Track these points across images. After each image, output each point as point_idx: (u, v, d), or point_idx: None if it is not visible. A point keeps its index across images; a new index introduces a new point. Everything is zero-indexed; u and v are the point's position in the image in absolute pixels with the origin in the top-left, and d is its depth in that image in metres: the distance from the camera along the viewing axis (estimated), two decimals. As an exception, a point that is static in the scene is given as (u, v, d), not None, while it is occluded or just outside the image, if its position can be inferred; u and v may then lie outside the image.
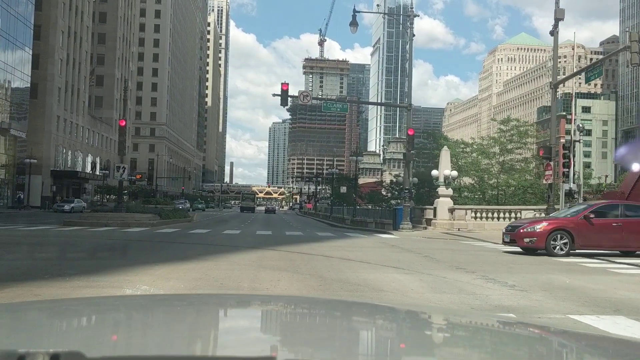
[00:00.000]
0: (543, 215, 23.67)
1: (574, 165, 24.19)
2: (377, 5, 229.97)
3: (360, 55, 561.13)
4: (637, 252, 15.24)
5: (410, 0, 33.96)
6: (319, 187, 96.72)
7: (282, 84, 28.02)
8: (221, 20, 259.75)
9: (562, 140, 23.16)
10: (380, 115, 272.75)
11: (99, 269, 10.14)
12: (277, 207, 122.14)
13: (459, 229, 26.58)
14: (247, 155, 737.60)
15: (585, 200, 24.42)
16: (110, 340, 1.53)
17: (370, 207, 54.74)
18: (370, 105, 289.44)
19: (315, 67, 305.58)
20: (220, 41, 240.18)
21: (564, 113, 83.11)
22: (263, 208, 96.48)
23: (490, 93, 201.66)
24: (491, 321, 2.28)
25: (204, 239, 19.40)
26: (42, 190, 59.68)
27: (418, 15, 32.41)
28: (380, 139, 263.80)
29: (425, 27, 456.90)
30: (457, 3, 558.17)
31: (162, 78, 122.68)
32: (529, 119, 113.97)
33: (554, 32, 23.24)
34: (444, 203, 28.27)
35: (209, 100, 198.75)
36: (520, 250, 15.41)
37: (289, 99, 29.11)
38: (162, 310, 2.02)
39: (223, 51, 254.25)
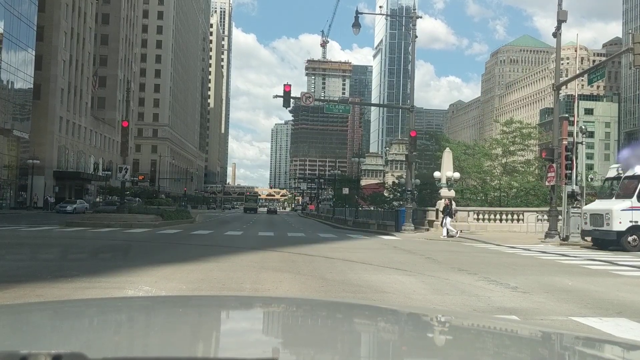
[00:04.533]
0: (546, 217, 23.67)
1: (576, 167, 24.15)
2: (380, 6, 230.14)
3: (360, 55, 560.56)
4: None
5: (412, 2, 33.84)
6: (321, 189, 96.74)
7: (284, 85, 28.02)
8: (224, 22, 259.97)
9: (565, 142, 23.06)
10: (383, 117, 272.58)
11: (101, 269, 10.15)
12: (279, 209, 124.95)
13: (461, 230, 26.56)
14: (249, 156, 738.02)
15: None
16: (112, 342, 1.53)
17: (372, 208, 54.70)
18: (372, 107, 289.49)
19: (317, 68, 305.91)
20: (222, 42, 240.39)
21: (567, 115, 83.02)
22: (265, 209, 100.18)
23: (493, 95, 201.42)
24: (493, 323, 2.28)
25: (206, 240, 19.41)
26: (44, 191, 59.81)
27: (421, 17, 32.43)
28: (382, 140, 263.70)
29: (427, 27, 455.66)
30: (457, 3, 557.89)
31: (164, 79, 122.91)
32: (532, 120, 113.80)
33: (556, 34, 23.21)
34: (446, 205, 28.23)
35: (211, 101, 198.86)
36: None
37: (291, 100, 29.13)
38: (163, 311, 2.02)
39: (225, 52, 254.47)
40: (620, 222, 17.58)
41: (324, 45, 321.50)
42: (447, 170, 28.93)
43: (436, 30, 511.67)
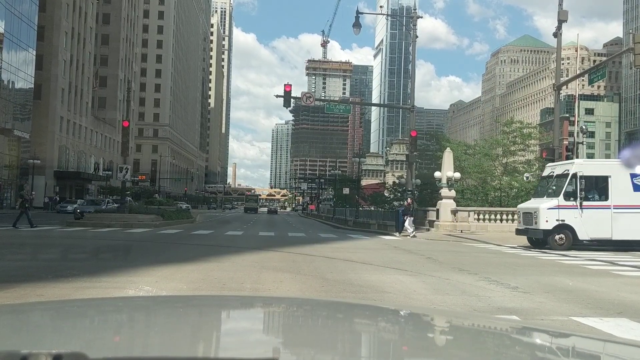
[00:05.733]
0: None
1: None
2: (380, 6, 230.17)
3: (360, 55, 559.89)
4: None
5: (413, 1, 33.90)
6: (321, 189, 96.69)
7: (285, 85, 28.01)
8: (224, 22, 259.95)
9: (565, 142, 23.15)
10: (383, 117, 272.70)
11: (102, 269, 10.15)
12: (279, 209, 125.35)
13: (461, 230, 26.55)
14: (250, 156, 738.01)
15: None
16: (112, 342, 1.53)
17: (372, 208, 54.73)
18: (373, 107, 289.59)
19: (318, 68, 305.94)
20: (223, 42, 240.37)
21: (567, 115, 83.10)
22: (266, 209, 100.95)
23: (494, 95, 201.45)
24: (494, 323, 2.28)
25: (206, 240, 19.41)
26: (45, 191, 59.86)
27: (421, 17, 32.43)
28: (383, 140, 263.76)
29: (427, 26, 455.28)
30: (458, 2, 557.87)
31: (165, 79, 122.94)
32: (533, 120, 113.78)
33: (557, 34, 23.20)
34: (446, 205, 28.22)
35: (212, 101, 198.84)
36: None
37: (292, 100, 29.11)
38: (164, 311, 2.02)
39: (226, 52, 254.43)
40: (547, 221, 17.73)
41: (324, 45, 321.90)
42: (447, 170, 28.89)
43: (436, 29, 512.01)
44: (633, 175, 17.64)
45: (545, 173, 20.32)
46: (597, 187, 18.10)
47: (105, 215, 29.05)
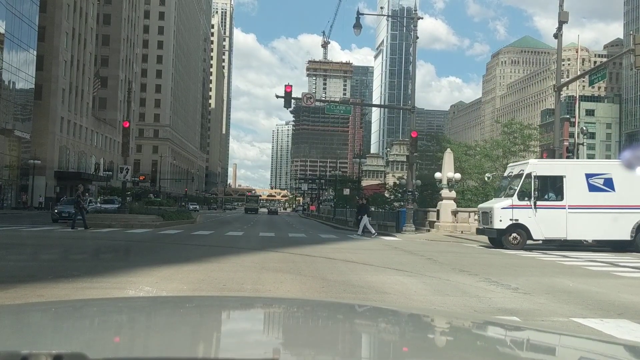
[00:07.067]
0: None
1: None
2: (381, 7, 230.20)
3: (359, 55, 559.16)
4: None
5: (413, 3, 33.88)
6: (322, 189, 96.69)
7: (285, 85, 27.98)
8: (225, 23, 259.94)
9: (566, 143, 23.15)
10: (384, 118, 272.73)
11: (102, 270, 10.15)
12: (280, 209, 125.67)
13: (462, 231, 26.54)
14: (250, 157, 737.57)
15: None
16: (112, 342, 1.53)
17: (373, 209, 54.65)
18: (373, 108, 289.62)
19: (318, 69, 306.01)
20: (223, 43, 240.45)
21: (568, 116, 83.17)
22: (266, 210, 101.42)
23: (494, 95, 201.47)
24: (494, 324, 2.28)
25: (207, 240, 19.40)
26: (45, 191, 59.87)
27: (422, 18, 32.44)
28: (383, 141, 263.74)
29: (427, 27, 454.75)
30: (458, 3, 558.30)
31: (165, 80, 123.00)
32: (533, 121, 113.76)
33: (557, 35, 23.20)
34: (447, 205, 28.21)
35: (212, 102, 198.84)
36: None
37: (292, 100, 29.10)
38: (164, 312, 2.02)
39: (227, 53, 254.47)
40: (501, 220, 17.84)
41: (325, 45, 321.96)
42: (448, 171, 28.89)
43: (437, 30, 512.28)
44: (588, 176, 17.77)
45: (506, 173, 20.48)
46: (552, 187, 18.17)
47: (105, 216, 29.02)
